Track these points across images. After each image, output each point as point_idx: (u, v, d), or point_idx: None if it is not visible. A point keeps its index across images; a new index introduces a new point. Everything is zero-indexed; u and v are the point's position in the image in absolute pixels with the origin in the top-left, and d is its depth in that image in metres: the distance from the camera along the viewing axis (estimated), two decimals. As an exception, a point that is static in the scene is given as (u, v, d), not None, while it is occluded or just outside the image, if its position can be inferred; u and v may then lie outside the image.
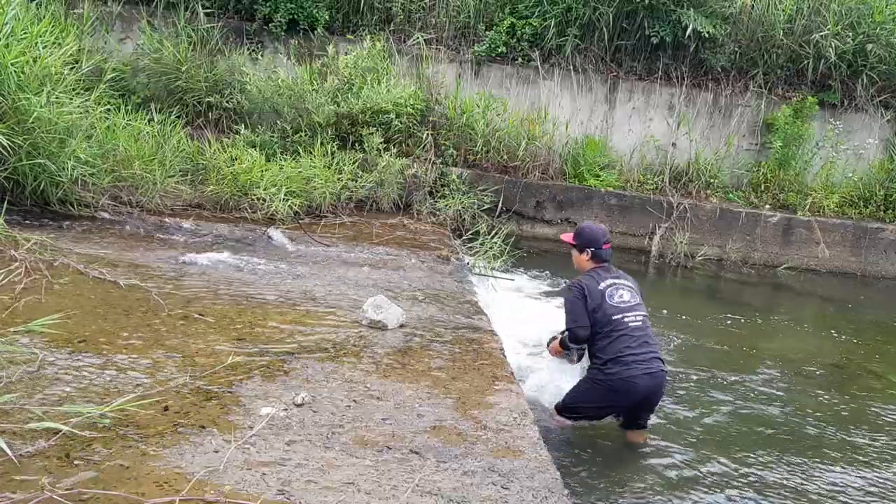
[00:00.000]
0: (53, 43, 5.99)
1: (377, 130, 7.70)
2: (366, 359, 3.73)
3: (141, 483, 2.42)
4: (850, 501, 3.93)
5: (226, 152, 7.03)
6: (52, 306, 3.77)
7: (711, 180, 9.09)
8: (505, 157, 8.49)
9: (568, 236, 4.41)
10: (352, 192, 7.31)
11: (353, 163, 7.44)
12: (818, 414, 4.96)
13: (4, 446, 2.42)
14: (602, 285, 4.12)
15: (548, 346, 4.52)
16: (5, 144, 5.02)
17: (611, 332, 4.02)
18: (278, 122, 7.80)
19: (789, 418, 4.84)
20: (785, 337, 6.69)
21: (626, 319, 4.05)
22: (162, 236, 5.71)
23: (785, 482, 4.02)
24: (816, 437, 4.61)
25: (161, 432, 2.75)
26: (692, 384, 5.18)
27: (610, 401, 4.09)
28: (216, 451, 2.66)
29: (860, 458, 4.40)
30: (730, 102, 9.28)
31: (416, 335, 4.19)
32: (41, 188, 5.54)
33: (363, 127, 7.72)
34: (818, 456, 4.37)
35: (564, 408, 4.24)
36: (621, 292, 4.13)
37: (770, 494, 3.89)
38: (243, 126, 7.59)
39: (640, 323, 4.09)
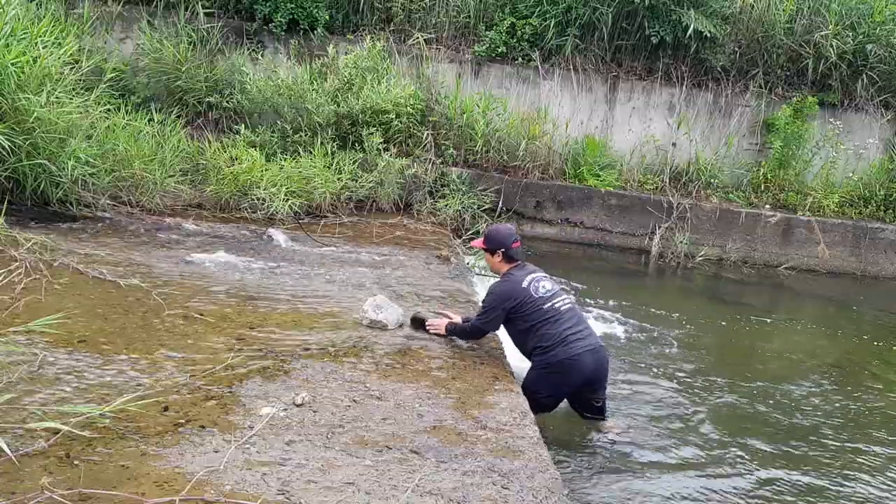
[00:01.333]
0: (53, 43, 5.99)
1: (377, 130, 7.69)
2: (366, 359, 3.73)
3: (141, 483, 2.42)
4: (851, 499, 3.93)
5: (226, 152, 7.03)
6: (52, 306, 3.76)
7: (711, 180, 9.08)
8: (505, 156, 8.48)
9: (478, 242, 4.51)
10: (352, 192, 7.31)
11: (353, 163, 7.43)
12: (818, 413, 4.96)
13: (4, 446, 2.42)
14: (524, 283, 4.20)
15: (450, 327, 4.26)
16: (5, 145, 5.02)
17: (547, 321, 4.12)
18: (278, 122, 7.79)
19: (789, 418, 4.84)
20: (785, 337, 6.69)
21: (556, 305, 4.17)
22: (162, 236, 5.71)
23: (785, 481, 4.02)
24: (817, 436, 4.61)
25: (161, 432, 2.75)
26: (692, 384, 5.18)
27: (559, 383, 4.17)
28: (216, 451, 2.66)
29: (860, 456, 4.40)
30: (730, 102, 9.28)
31: (416, 335, 4.20)
32: (41, 188, 5.54)
33: (363, 127, 7.71)
34: (819, 455, 4.37)
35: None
36: (543, 283, 4.24)
37: (770, 494, 3.89)
38: (243, 126, 7.59)
39: (570, 305, 4.24)
